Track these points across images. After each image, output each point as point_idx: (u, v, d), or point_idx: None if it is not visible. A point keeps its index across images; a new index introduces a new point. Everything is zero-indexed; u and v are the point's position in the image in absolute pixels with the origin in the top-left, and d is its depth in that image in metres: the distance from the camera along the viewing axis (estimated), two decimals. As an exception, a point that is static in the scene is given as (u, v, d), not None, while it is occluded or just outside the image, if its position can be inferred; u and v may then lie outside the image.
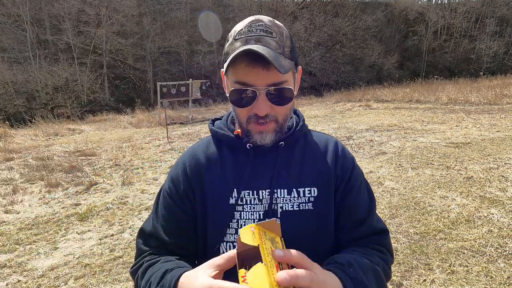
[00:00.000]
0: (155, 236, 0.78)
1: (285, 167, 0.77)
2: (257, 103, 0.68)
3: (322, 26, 26.55)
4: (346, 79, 26.10)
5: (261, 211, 0.73)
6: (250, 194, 0.74)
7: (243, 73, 0.67)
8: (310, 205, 0.74)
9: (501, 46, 27.20)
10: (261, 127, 0.71)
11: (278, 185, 0.75)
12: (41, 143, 8.58)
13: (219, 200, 0.75)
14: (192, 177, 0.78)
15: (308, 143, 0.83)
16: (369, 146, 6.42)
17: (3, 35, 18.34)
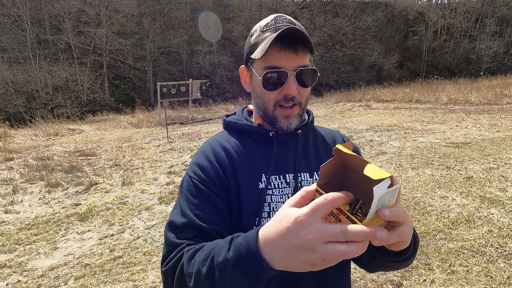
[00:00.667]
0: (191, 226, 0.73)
1: (304, 152, 0.84)
2: (288, 84, 0.75)
3: (322, 26, 26.54)
4: (346, 79, 26.09)
5: (289, 193, 0.79)
6: (277, 178, 0.79)
7: (275, 58, 0.74)
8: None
9: (501, 46, 27.19)
10: (288, 111, 0.77)
11: (301, 169, 0.81)
12: (41, 143, 8.58)
13: (250, 185, 0.78)
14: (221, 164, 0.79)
15: (318, 133, 0.93)
16: (369, 146, 6.42)
17: (3, 35, 18.33)
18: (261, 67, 0.76)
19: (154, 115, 13.11)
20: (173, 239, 0.73)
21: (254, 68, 0.79)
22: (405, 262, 0.67)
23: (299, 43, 0.73)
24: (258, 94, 0.80)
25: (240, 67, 0.86)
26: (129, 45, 21.37)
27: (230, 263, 0.52)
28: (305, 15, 26.59)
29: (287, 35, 0.71)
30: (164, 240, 0.76)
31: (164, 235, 0.76)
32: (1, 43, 18.21)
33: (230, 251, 0.53)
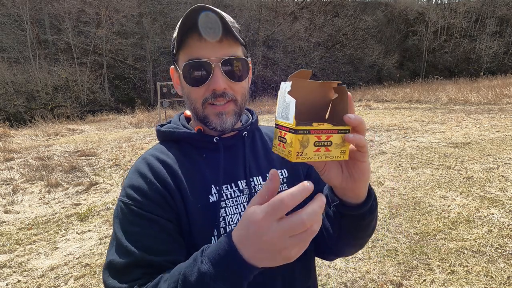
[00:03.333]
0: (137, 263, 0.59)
1: (253, 155, 0.78)
2: (214, 78, 0.65)
3: (322, 26, 26.55)
4: (346, 79, 26.09)
5: (244, 202, 0.71)
6: (229, 187, 0.71)
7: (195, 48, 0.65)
8: (285, 186, 0.76)
9: (501, 46, 27.20)
10: (220, 108, 0.68)
11: (253, 173, 0.75)
12: (41, 143, 8.57)
13: (199, 200, 0.68)
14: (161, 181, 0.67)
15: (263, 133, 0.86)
16: (369, 146, 6.43)
17: (3, 35, 18.33)
18: (183, 61, 0.67)
19: (154, 115, 13.12)
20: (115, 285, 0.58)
21: (178, 65, 0.70)
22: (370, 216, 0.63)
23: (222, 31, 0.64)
24: (185, 93, 0.71)
25: (170, 68, 0.77)
26: (129, 45, 21.37)
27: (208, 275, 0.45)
28: (305, 15, 26.61)
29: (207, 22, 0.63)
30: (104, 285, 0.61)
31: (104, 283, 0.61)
32: (1, 43, 18.21)
33: (204, 263, 0.46)
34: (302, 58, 25.67)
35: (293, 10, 27.18)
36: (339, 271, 2.53)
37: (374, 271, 2.49)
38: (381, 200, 3.78)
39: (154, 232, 0.62)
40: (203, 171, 0.71)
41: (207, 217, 0.67)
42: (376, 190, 4.08)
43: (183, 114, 0.85)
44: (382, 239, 2.93)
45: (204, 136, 0.73)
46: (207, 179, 0.70)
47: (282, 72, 24.43)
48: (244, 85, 0.71)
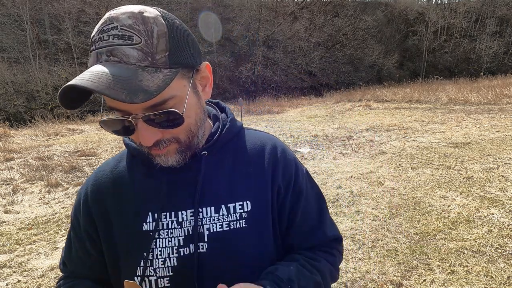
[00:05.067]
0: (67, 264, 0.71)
1: (211, 180, 0.63)
2: (139, 133, 0.53)
3: (322, 26, 26.56)
4: (346, 79, 26.10)
5: (180, 236, 0.60)
6: (168, 216, 0.61)
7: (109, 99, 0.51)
8: (242, 222, 0.62)
9: (501, 46, 27.21)
10: (159, 151, 0.56)
11: (204, 202, 0.62)
12: (41, 143, 8.57)
13: (129, 228, 0.61)
14: (94, 206, 0.65)
15: (239, 147, 0.68)
16: (369, 146, 6.42)
17: (3, 35, 18.34)
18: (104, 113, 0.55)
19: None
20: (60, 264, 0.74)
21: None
22: None
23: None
24: None
25: None
26: (129, 45, 21.37)
27: None
28: (305, 15, 26.61)
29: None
30: None
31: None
32: (1, 43, 18.21)
33: None
34: (302, 58, 25.67)
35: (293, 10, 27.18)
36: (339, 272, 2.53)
37: (374, 271, 2.49)
38: (381, 200, 3.79)
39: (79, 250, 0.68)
40: (143, 193, 0.63)
41: (136, 245, 0.61)
42: (376, 190, 4.08)
43: None
44: (382, 239, 2.93)
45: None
46: (147, 203, 0.62)
47: (282, 72, 24.43)
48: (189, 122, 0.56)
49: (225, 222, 0.62)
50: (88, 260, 0.68)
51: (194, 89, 0.58)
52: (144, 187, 0.63)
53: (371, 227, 3.15)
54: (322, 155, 6.06)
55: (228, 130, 0.67)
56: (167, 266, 0.60)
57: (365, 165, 5.19)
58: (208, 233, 0.61)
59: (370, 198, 3.86)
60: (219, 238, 0.61)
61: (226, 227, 0.61)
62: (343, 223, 3.27)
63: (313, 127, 9.17)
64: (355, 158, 5.65)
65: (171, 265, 0.60)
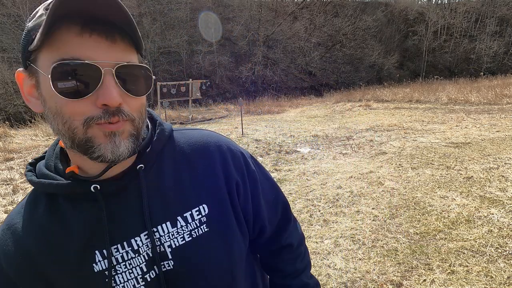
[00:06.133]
0: None
1: (157, 194, 0.57)
2: (104, 88, 0.45)
3: (322, 26, 26.57)
4: (346, 79, 26.11)
5: (142, 263, 0.55)
6: (120, 248, 0.54)
7: (72, 45, 0.44)
8: (204, 227, 0.59)
9: (501, 46, 27.22)
10: (112, 126, 0.47)
11: (156, 220, 0.56)
12: (41, 143, 8.57)
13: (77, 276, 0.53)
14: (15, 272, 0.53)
15: (178, 151, 0.62)
16: (369, 146, 6.42)
17: (3, 35, 18.34)
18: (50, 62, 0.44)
19: (154, 115, 13.09)
20: None
21: (40, 67, 0.46)
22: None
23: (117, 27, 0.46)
24: (53, 110, 0.47)
25: (16, 72, 0.51)
26: (129, 45, 21.39)
27: None
28: (305, 15, 26.62)
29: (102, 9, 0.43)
30: None
31: None
32: (1, 43, 18.22)
33: None
34: (302, 58, 25.68)
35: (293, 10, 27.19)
36: (339, 271, 2.53)
37: (374, 271, 2.49)
38: (381, 200, 3.79)
39: None
40: (81, 232, 0.53)
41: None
42: (376, 190, 4.08)
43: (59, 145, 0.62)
44: (382, 239, 2.93)
45: (75, 186, 0.52)
46: (88, 242, 0.53)
47: (282, 72, 24.44)
48: (143, 101, 0.53)
49: (186, 233, 0.57)
50: None
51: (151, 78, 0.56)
52: (77, 227, 0.53)
53: (371, 227, 3.15)
54: (322, 155, 6.06)
55: (159, 135, 0.60)
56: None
57: (365, 165, 5.19)
58: (170, 250, 0.56)
59: (370, 198, 3.86)
60: (184, 250, 0.57)
61: (188, 237, 0.57)
62: (343, 223, 3.27)
63: (313, 127, 9.17)
64: (355, 158, 5.65)
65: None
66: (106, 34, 0.45)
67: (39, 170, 0.57)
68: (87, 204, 0.53)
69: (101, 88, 0.45)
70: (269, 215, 0.72)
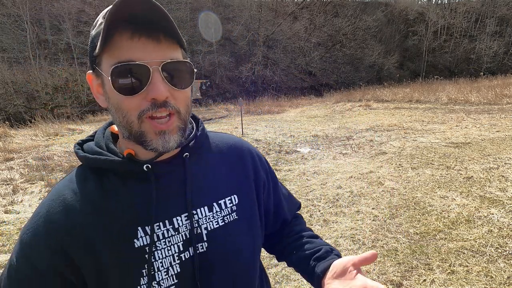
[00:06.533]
0: None
1: (198, 181, 0.64)
2: (153, 84, 0.53)
3: (322, 26, 26.57)
4: (346, 79, 26.11)
5: (179, 241, 0.60)
6: (162, 226, 0.59)
7: (125, 48, 0.52)
8: (234, 215, 0.67)
9: (501, 46, 27.23)
10: (163, 125, 0.55)
11: (196, 204, 0.63)
12: (41, 143, 8.57)
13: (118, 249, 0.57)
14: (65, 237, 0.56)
15: (214, 147, 0.72)
16: (369, 146, 6.42)
17: (3, 35, 18.34)
18: (109, 65, 0.52)
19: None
20: None
21: (103, 70, 0.54)
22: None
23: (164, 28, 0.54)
24: (114, 105, 0.55)
25: (87, 74, 0.60)
26: (129, 45, 21.39)
27: None
28: (305, 15, 26.62)
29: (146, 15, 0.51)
30: None
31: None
32: (1, 43, 18.21)
33: None
34: (302, 58, 25.68)
35: (293, 10, 27.19)
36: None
37: (374, 271, 2.49)
38: (381, 200, 3.79)
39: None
40: (128, 209, 0.58)
41: (130, 266, 0.57)
42: (376, 190, 4.08)
43: (109, 129, 0.68)
44: (382, 239, 2.93)
45: (131, 165, 0.58)
46: (133, 219, 0.57)
47: (282, 72, 24.44)
48: (188, 93, 0.59)
49: (220, 218, 0.65)
50: None
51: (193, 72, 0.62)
52: (125, 203, 0.58)
53: (371, 227, 3.15)
54: (322, 155, 6.06)
55: (202, 131, 0.70)
56: (171, 275, 0.59)
57: (365, 165, 5.19)
58: (206, 232, 0.63)
59: (370, 198, 3.86)
60: (217, 234, 0.64)
61: (221, 222, 0.65)
62: (343, 223, 3.27)
63: (313, 127, 9.17)
64: (355, 158, 5.65)
65: (175, 272, 0.60)
66: (152, 36, 0.53)
67: (90, 148, 0.62)
68: (137, 182, 0.59)
69: (150, 84, 0.53)
70: (288, 205, 0.86)
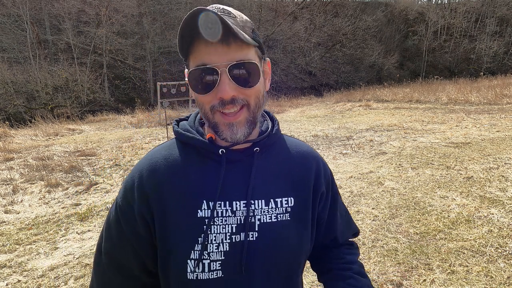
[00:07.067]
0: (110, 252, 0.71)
1: (261, 175, 0.70)
2: (220, 85, 0.61)
3: (322, 26, 26.55)
4: (346, 79, 26.09)
5: (233, 223, 0.66)
6: (222, 205, 0.66)
7: (202, 53, 0.61)
8: (287, 216, 0.70)
9: (501, 46, 27.19)
10: (231, 117, 0.63)
11: (255, 195, 0.69)
12: (41, 143, 8.57)
13: (184, 214, 0.66)
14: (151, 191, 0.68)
15: (283, 149, 0.77)
16: (369, 146, 6.42)
17: (3, 35, 18.33)
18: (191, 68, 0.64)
19: (154, 115, 13.11)
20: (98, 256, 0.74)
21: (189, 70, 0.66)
22: None
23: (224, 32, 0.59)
24: (195, 99, 0.68)
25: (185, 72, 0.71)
26: (129, 45, 21.36)
27: None
28: (305, 15, 26.60)
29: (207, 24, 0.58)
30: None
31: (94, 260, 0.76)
32: (1, 43, 18.20)
33: None
34: (302, 58, 25.67)
35: (293, 10, 27.17)
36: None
37: (374, 271, 2.49)
38: (381, 200, 3.79)
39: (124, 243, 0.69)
40: (199, 182, 0.68)
41: (191, 231, 0.65)
42: (376, 190, 4.08)
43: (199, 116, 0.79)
44: (382, 239, 2.93)
45: (210, 146, 0.69)
46: (202, 192, 0.67)
47: (282, 72, 24.43)
48: (259, 89, 0.66)
49: (274, 214, 0.69)
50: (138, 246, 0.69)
51: (261, 70, 0.67)
52: (198, 177, 0.68)
53: (371, 227, 3.15)
54: (322, 155, 6.05)
55: (276, 131, 0.75)
56: (220, 250, 0.65)
57: (365, 165, 5.19)
58: (259, 223, 0.68)
59: (370, 198, 3.86)
60: (268, 228, 0.68)
61: (274, 218, 0.69)
62: (343, 223, 3.27)
63: (313, 127, 9.17)
64: (355, 158, 5.65)
65: (224, 250, 0.65)
66: (222, 42, 0.60)
67: (184, 126, 0.75)
68: (212, 162, 0.69)
69: (218, 85, 0.61)
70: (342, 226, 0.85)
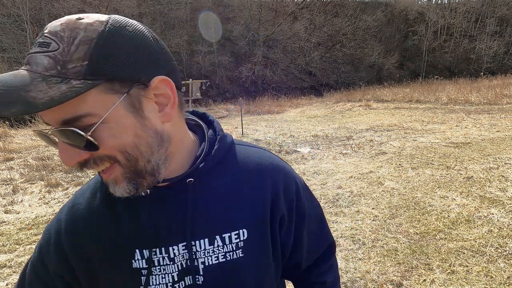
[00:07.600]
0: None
1: (202, 209, 0.57)
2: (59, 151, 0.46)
3: (322, 26, 26.57)
4: (346, 79, 26.10)
5: (174, 272, 0.57)
6: (158, 252, 0.56)
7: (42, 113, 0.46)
8: (239, 252, 0.58)
9: (501, 46, 27.20)
10: (104, 175, 0.50)
11: (196, 235, 0.57)
12: (41, 143, 8.57)
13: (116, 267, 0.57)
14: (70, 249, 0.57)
15: (232, 167, 0.61)
16: (369, 146, 6.42)
17: (3, 35, 18.34)
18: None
19: (154, 115, 13.11)
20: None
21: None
22: None
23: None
24: None
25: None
26: (129, 45, 21.39)
27: None
28: (305, 15, 26.63)
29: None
30: None
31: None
32: (1, 43, 18.21)
33: None
34: (302, 58, 25.68)
35: (293, 10, 27.19)
36: (339, 271, 2.53)
37: (374, 271, 2.49)
38: (381, 200, 3.79)
39: None
40: (127, 229, 0.56)
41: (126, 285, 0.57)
42: (376, 190, 4.08)
43: None
44: (382, 239, 2.93)
45: None
46: (131, 240, 0.56)
47: (282, 72, 24.44)
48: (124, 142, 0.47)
49: (221, 253, 0.58)
50: None
51: (132, 107, 0.46)
52: (127, 222, 0.56)
53: (371, 227, 3.15)
54: (322, 155, 6.06)
55: (216, 151, 0.59)
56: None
57: (365, 165, 5.19)
58: (203, 267, 0.57)
59: (370, 198, 3.86)
60: (215, 270, 0.58)
61: (222, 258, 0.58)
62: (343, 223, 3.27)
63: (313, 127, 9.17)
64: (355, 158, 5.65)
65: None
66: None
67: None
68: (139, 203, 0.56)
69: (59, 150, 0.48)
70: (309, 247, 0.72)
